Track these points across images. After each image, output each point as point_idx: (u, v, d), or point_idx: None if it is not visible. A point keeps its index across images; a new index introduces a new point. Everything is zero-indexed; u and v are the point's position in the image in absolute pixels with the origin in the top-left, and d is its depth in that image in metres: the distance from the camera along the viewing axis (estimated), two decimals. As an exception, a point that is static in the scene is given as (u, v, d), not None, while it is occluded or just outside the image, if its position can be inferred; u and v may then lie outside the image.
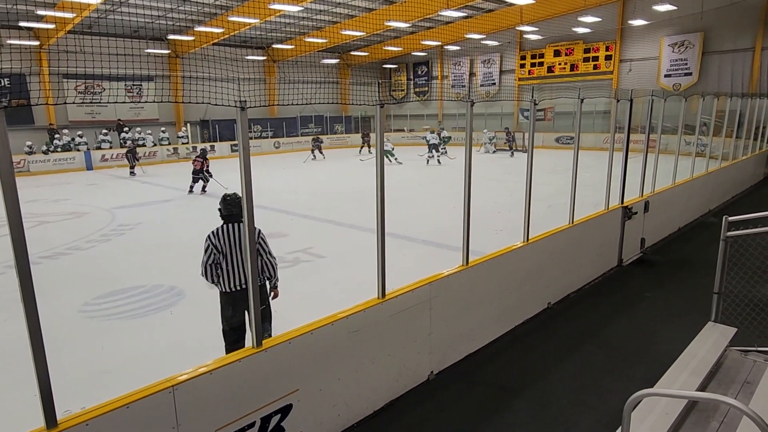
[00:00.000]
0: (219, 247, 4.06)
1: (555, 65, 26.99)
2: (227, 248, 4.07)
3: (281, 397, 3.30)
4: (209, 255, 4.06)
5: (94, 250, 9.00)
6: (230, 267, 4.09)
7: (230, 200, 4.16)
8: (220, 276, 4.13)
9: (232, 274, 4.10)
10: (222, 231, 4.11)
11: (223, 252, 4.07)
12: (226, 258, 4.08)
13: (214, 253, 4.06)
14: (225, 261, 4.09)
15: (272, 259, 4.22)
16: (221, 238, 4.08)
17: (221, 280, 4.13)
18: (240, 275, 4.11)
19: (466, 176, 4.59)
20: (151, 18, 22.67)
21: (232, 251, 4.07)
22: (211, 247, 4.05)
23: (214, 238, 4.08)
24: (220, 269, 4.11)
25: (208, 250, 4.06)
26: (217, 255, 4.06)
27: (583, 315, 5.92)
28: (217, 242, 4.06)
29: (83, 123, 24.65)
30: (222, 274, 4.11)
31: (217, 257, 4.07)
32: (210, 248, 4.06)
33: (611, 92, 8.12)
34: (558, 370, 4.71)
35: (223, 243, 4.07)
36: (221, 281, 4.14)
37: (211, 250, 4.06)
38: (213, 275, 4.12)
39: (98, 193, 15.55)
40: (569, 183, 6.25)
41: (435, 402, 4.22)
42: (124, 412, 2.54)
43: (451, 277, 4.56)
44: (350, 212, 11.32)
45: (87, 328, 5.70)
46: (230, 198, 4.17)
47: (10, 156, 2.17)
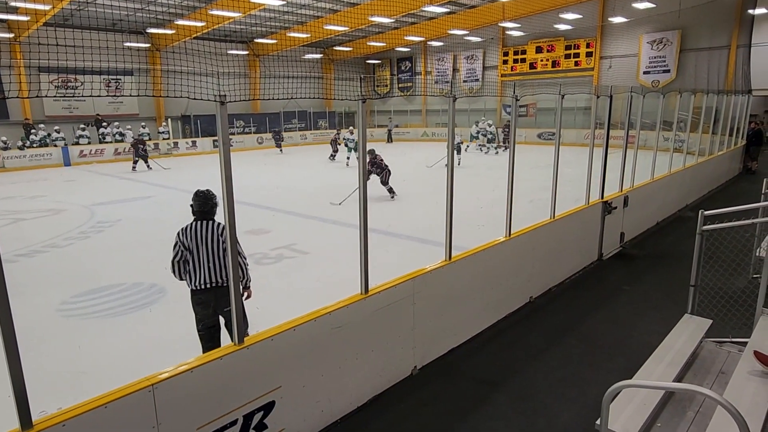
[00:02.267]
0: (186, 244, 4.01)
1: (537, 62, 27.24)
2: (194, 246, 4.01)
3: (264, 394, 3.28)
4: (176, 252, 4.03)
5: (73, 247, 8.83)
6: (197, 265, 4.03)
7: (203, 196, 4.09)
8: (188, 274, 4.08)
9: (199, 272, 4.04)
10: (190, 228, 4.05)
11: (190, 249, 4.01)
12: (193, 255, 4.02)
13: (182, 250, 4.01)
14: (192, 258, 4.03)
15: (242, 259, 4.13)
16: (188, 236, 4.02)
17: (189, 277, 4.08)
18: (206, 273, 4.04)
19: (448, 172, 4.61)
20: (130, 11, 22.23)
21: (200, 249, 4.01)
22: (179, 244, 4.02)
23: (182, 234, 4.03)
24: (188, 267, 4.06)
25: (176, 247, 4.02)
26: (184, 252, 4.01)
27: (564, 309, 6.00)
28: (185, 239, 4.01)
29: (60, 118, 24.11)
30: (189, 272, 4.06)
31: (184, 254, 4.02)
32: (178, 245, 4.02)
33: (592, 89, 8.23)
34: (539, 363, 4.78)
35: (191, 240, 4.01)
36: (189, 279, 4.08)
37: (178, 248, 4.02)
38: (181, 272, 4.08)
39: (76, 190, 15.24)
40: (551, 178, 6.32)
41: (418, 396, 4.25)
42: (102, 412, 2.49)
43: (434, 272, 4.58)
44: (334, 208, 11.28)
45: (65, 327, 5.60)
46: (203, 194, 4.10)
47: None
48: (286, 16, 24.83)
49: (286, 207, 11.58)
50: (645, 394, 3.37)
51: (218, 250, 4.05)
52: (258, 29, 27.22)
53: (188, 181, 15.84)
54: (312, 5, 22.96)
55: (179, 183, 15.81)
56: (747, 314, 4.44)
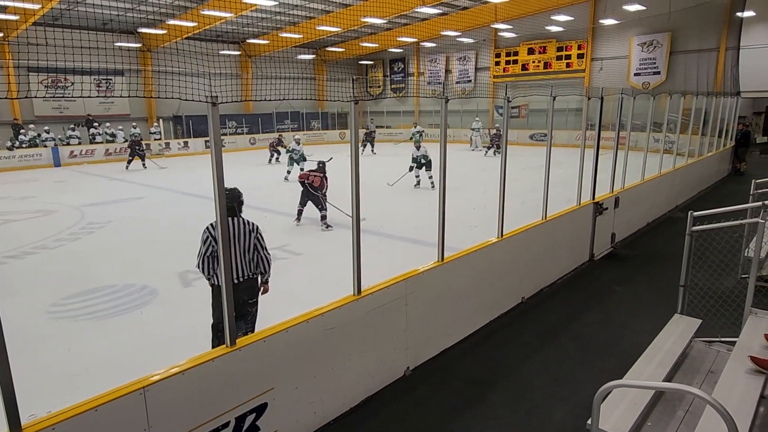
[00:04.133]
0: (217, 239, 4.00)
1: (529, 63, 27.35)
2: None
3: (256, 396, 3.27)
4: (207, 246, 4.04)
5: (63, 249, 8.75)
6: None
7: (228, 194, 4.10)
8: (217, 270, 4.11)
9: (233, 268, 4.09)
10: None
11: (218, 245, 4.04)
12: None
13: (213, 245, 4.03)
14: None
15: (268, 255, 4.25)
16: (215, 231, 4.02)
17: (217, 273, 4.11)
18: (237, 269, 4.11)
19: (441, 173, 4.62)
20: (120, 11, 22.08)
21: (231, 244, 4.05)
22: (210, 238, 4.02)
23: (213, 230, 4.03)
24: (218, 263, 4.08)
25: (207, 242, 4.03)
26: (215, 247, 4.03)
27: (556, 309, 6.03)
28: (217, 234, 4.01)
29: (50, 118, 23.88)
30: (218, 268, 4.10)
31: (215, 249, 4.04)
32: (209, 239, 4.02)
33: (583, 90, 8.29)
34: (532, 363, 4.80)
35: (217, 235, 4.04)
36: (216, 275, 4.12)
37: (209, 242, 4.02)
38: (210, 267, 4.11)
39: (67, 191, 15.11)
40: (542, 179, 6.35)
41: (411, 397, 4.25)
42: (93, 415, 2.48)
43: (426, 274, 4.59)
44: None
45: (55, 329, 5.54)
46: (228, 191, 4.10)
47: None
48: (278, 17, 24.77)
49: (278, 208, 11.54)
50: (635, 394, 3.40)
51: (249, 245, 4.14)
52: (250, 30, 27.12)
53: (180, 182, 15.76)
54: (304, 6, 22.93)
55: (171, 184, 15.72)
56: (736, 314, 4.50)
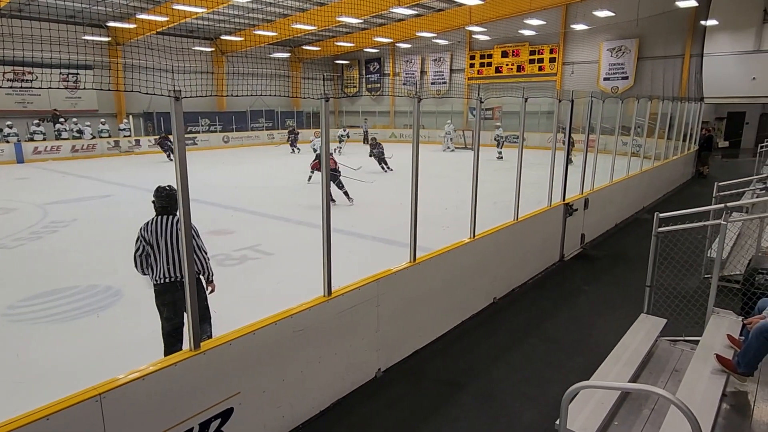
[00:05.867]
0: (147, 239, 4.05)
1: (503, 66, 27.65)
2: (155, 240, 4.06)
3: (221, 401, 3.18)
4: (138, 246, 4.07)
5: (23, 248, 8.41)
6: (158, 259, 4.07)
7: (164, 193, 4.13)
8: (150, 268, 4.11)
9: (160, 266, 4.07)
10: (152, 223, 4.10)
11: (152, 244, 4.06)
12: (154, 250, 4.07)
13: (143, 245, 4.06)
14: (153, 253, 4.07)
15: (201, 253, 4.15)
16: (149, 230, 4.07)
17: (151, 271, 4.11)
18: (167, 267, 4.06)
19: (413, 173, 4.60)
20: (87, 3, 21.40)
21: (160, 243, 4.05)
22: (140, 238, 4.06)
23: (144, 229, 4.08)
24: (150, 261, 4.09)
25: (138, 242, 4.07)
26: (146, 247, 4.05)
27: (527, 309, 6.09)
28: (146, 234, 4.06)
29: (13, 113, 22.96)
30: (151, 266, 4.10)
31: (146, 249, 4.06)
32: (139, 239, 4.07)
33: (554, 93, 8.42)
34: (502, 363, 4.82)
35: (152, 235, 4.06)
36: (151, 274, 4.11)
37: (140, 242, 4.06)
38: (143, 266, 4.12)
39: (29, 188, 14.55)
40: (514, 181, 6.41)
41: (382, 399, 4.21)
42: (44, 425, 2.35)
43: (398, 274, 4.56)
44: (298, 208, 11.14)
45: (11, 332, 5.31)
46: (164, 190, 4.14)
47: None
48: (252, 14, 24.42)
49: (250, 207, 11.36)
50: (602, 394, 3.44)
51: (178, 244, 4.07)
52: (224, 26, 26.67)
53: (148, 180, 15.33)
54: (279, 3, 22.66)
55: (139, 182, 15.31)
56: (699, 313, 4.60)
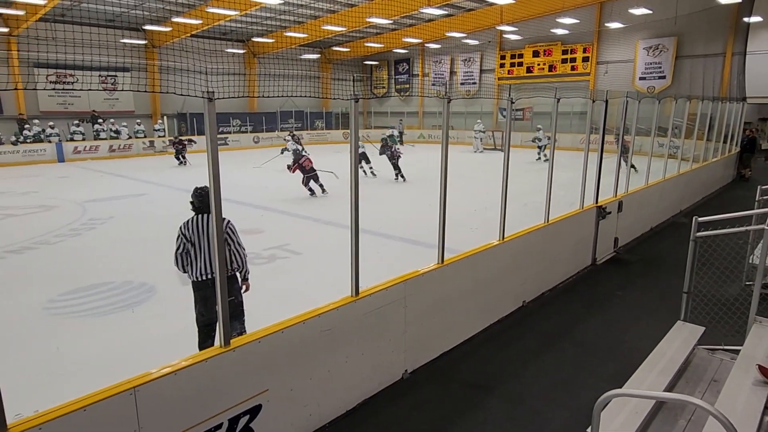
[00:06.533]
0: (188, 237, 4.16)
1: (534, 65, 27.24)
2: (196, 238, 4.17)
3: (250, 397, 3.22)
4: (179, 244, 4.18)
5: (63, 244, 8.73)
6: (198, 256, 4.19)
7: (202, 192, 4.25)
8: (190, 265, 4.21)
9: (200, 263, 4.19)
10: (192, 221, 4.21)
11: (192, 241, 4.17)
12: (195, 247, 4.18)
13: (184, 243, 4.17)
14: (194, 250, 4.19)
15: (241, 250, 4.29)
16: (191, 228, 4.18)
17: (190, 269, 4.21)
18: (206, 264, 4.20)
19: (442, 174, 4.57)
20: (126, 7, 22.09)
21: (200, 241, 4.17)
22: (181, 236, 4.17)
23: (184, 228, 4.19)
24: (190, 259, 4.20)
25: (178, 240, 4.18)
26: (186, 244, 4.17)
27: (557, 313, 5.97)
28: (187, 232, 4.17)
29: (55, 113, 23.91)
30: (190, 264, 4.21)
31: (186, 246, 4.17)
32: (180, 237, 4.17)
33: (588, 93, 8.22)
34: (532, 367, 4.74)
35: (193, 233, 4.17)
36: (191, 271, 4.22)
37: (181, 240, 4.17)
38: (183, 264, 4.22)
39: (69, 186, 15.10)
40: (545, 182, 6.29)
41: (409, 401, 4.20)
42: (81, 415, 2.43)
43: (426, 275, 4.54)
44: (327, 208, 11.23)
45: (50, 325, 5.51)
46: (202, 191, 4.25)
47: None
48: (284, 16, 24.76)
49: (279, 207, 11.51)
50: (636, 403, 3.33)
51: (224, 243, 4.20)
52: (256, 28, 27.14)
53: (181, 180, 15.74)
54: (310, 5, 22.90)
55: (172, 181, 15.71)
56: (740, 322, 4.42)
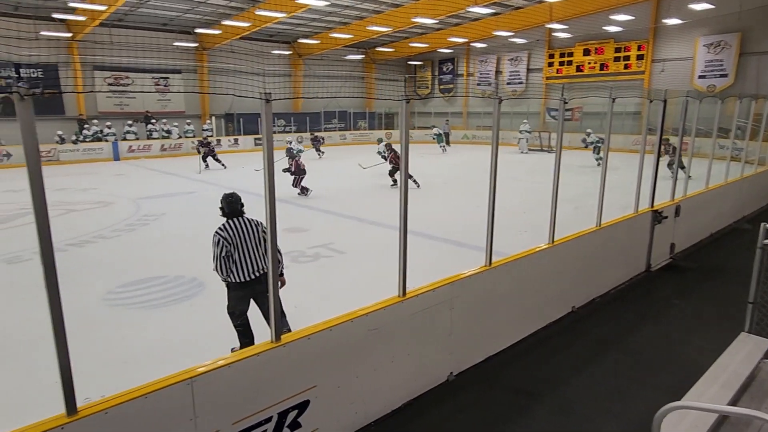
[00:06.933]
0: (230, 240, 4.26)
1: (584, 64, 26.40)
2: (238, 240, 4.28)
3: (299, 392, 3.27)
4: (221, 248, 4.26)
5: (119, 239, 9.14)
6: (243, 257, 4.30)
7: (232, 198, 4.41)
8: (234, 267, 4.30)
9: (245, 265, 4.30)
10: (230, 226, 4.32)
11: (235, 244, 4.27)
12: (238, 249, 4.28)
13: (226, 246, 4.25)
14: (237, 252, 4.28)
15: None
16: (230, 232, 4.28)
17: (236, 271, 4.30)
18: (252, 265, 4.32)
19: (491, 174, 4.49)
20: (179, 11, 22.96)
21: (242, 243, 4.29)
22: (222, 240, 4.25)
23: (223, 232, 4.29)
24: (233, 261, 4.29)
25: (220, 244, 4.25)
26: (228, 247, 4.26)
27: (609, 320, 5.76)
28: (227, 235, 4.27)
29: (112, 114, 25.12)
30: (236, 265, 4.30)
31: (228, 249, 4.26)
32: (221, 242, 4.25)
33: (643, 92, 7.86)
34: (581, 375, 4.59)
35: (233, 235, 4.28)
36: (236, 273, 4.31)
37: (222, 243, 4.25)
38: (226, 268, 4.31)
39: (124, 184, 15.84)
40: (595, 184, 6.08)
41: (454, 403, 4.15)
42: (143, 402, 2.54)
43: (473, 278, 4.48)
44: (370, 208, 11.28)
45: (109, 316, 5.78)
46: (231, 196, 4.42)
47: (37, 146, 2.17)
48: (329, 17, 25.08)
49: (323, 206, 11.66)
50: (696, 416, 3.17)
51: (259, 240, 4.37)
52: (302, 30, 27.60)
53: (229, 179, 16.20)
54: (355, 6, 23.08)
55: (219, 179, 16.18)
56: (812, 336, 4.13)
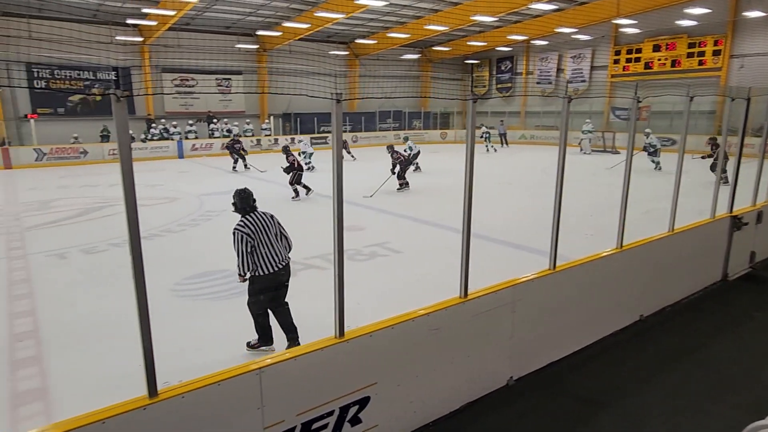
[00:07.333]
0: (253, 235, 4.37)
1: (653, 61, 25.06)
2: (260, 234, 4.40)
3: (360, 388, 3.30)
4: (245, 244, 4.36)
5: (184, 233, 9.58)
6: (267, 250, 4.42)
7: (246, 194, 4.54)
8: (261, 260, 4.42)
9: (272, 256, 4.44)
10: (249, 221, 4.43)
11: (258, 238, 4.39)
12: (262, 242, 4.40)
13: (250, 241, 4.36)
14: (261, 246, 4.40)
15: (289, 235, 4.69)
16: (251, 227, 4.39)
17: (264, 264, 4.42)
18: (278, 255, 4.49)
19: (558, 175, 4.35)
20: (242, 14, 23.79)
21: (263, 237, 4.41)
22: (245, 236, 4.35)
23: (245, 228, 4.39)
24: (258, 255, 4.40)
25: (244, 240, 4.35)
26: (252, 242, 4.36)
27: (680, 331, 5.44)
28: (250, 231, 4.37)
29: (177, 114, 26.41)
30: (262, 259, 4.41)
31: (253, 244, 4.37)
32: (245, 237, 4.35)
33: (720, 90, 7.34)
34: (650, 387, 4.36)
35: (255, 230, 4.39)
36: (263, 265, 4.42)
37: (246, 239, 4.35)
38: (253, 263, 4.43)
39: (188, 180, 16.59)
40: (665, 187, 5.76)
41: (514, 408, 4.05)
42: (216, 389, 2.65)
43: (536, 281, 4.36)
44: (427, 207, 11.24)
45: (179, 306, 6.07)
46: (245, 192, 4.55)
47: (130, 143, 2.31)
48: (387, 17, 25.20)
49: (379, 205, 11.72)
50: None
51: (277, 232, 4.55)
52: (359, 30, 27.90)
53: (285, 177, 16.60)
54: (413, 5, 23.06)
55: (275, 177, 16.59)
56: None
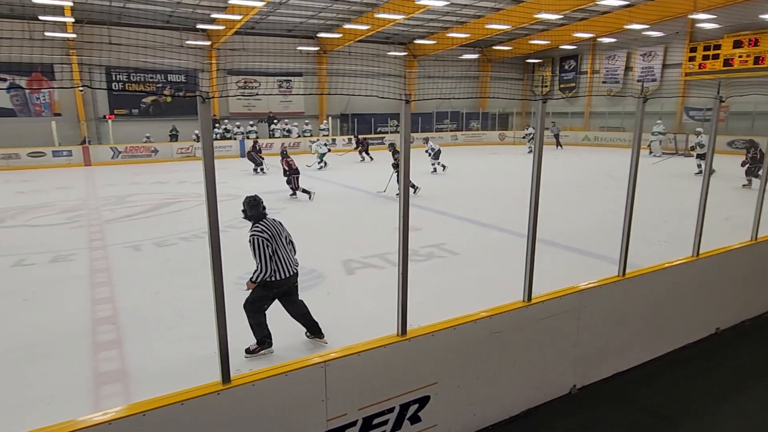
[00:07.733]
0: (271, 240, 4.40)
1: (734, 58, 23.37)
2: (277, 240, 4.45)
3: (420, 387, 3.31)
4: (266, 248, 4.36)
5: (246, 229, 9.86)
6: (283, 255, 4.47)
7: (256, 202, 4.53)
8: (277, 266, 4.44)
9: (286, 261, 4.48)
10: (265, 226, 4.45)
11: (275, 243, 4.43)
12: (280, 247, 4.45)
13: (271, 245, 4.39)
14: (280, 250, 4.45)
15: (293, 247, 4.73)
16: (269, 232, 4.42)
17: (280, 269, 4.45)
18: (290, 260, 4.54)
19: (630, 179, 4.16)
20: (304, 17, 24.40)
21: (278, 242, 4.46)
22: (265, 241, 4.37)
23: (264, 233, 4.40)
24: (276, 260, 4.43)
25: (264, 244, 4.36)
26: (273, 246, 4.40)
27: (762, 347, 5.07)
28: (269, 235, 4.40)
29: (241, 114, 27.48)
30: (279, 263, 4.44)
31: (274, 248, 4.40)
32: (263, 243, 4.36)
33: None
34: (727, 405, 4.10)
35: (272, 235, 4.42)
36: (280, 270, 4.45)
37: (266, 244, 4.36)
38: (274, 266, 4.43)
39: (250, 179, 17.21)
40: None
41: (577, 418, 3.93)
42: (283, 379, 2.75)
43: (603, 288, 4.20)
44: (484, 210, 11.08)
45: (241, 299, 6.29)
46: (252, 199, 4.54)
47: (212, 142, 2.44)
48: (446, 17, 25.04)
49: (436, 206, 11.68)
50: None
51: (287, 240, 4.64)
52: (417, 31, 27.88)
53: (345, 176, 16.92)
54: (474, 5, 22.78)
55: (337, 178, 16.93)
56: None
